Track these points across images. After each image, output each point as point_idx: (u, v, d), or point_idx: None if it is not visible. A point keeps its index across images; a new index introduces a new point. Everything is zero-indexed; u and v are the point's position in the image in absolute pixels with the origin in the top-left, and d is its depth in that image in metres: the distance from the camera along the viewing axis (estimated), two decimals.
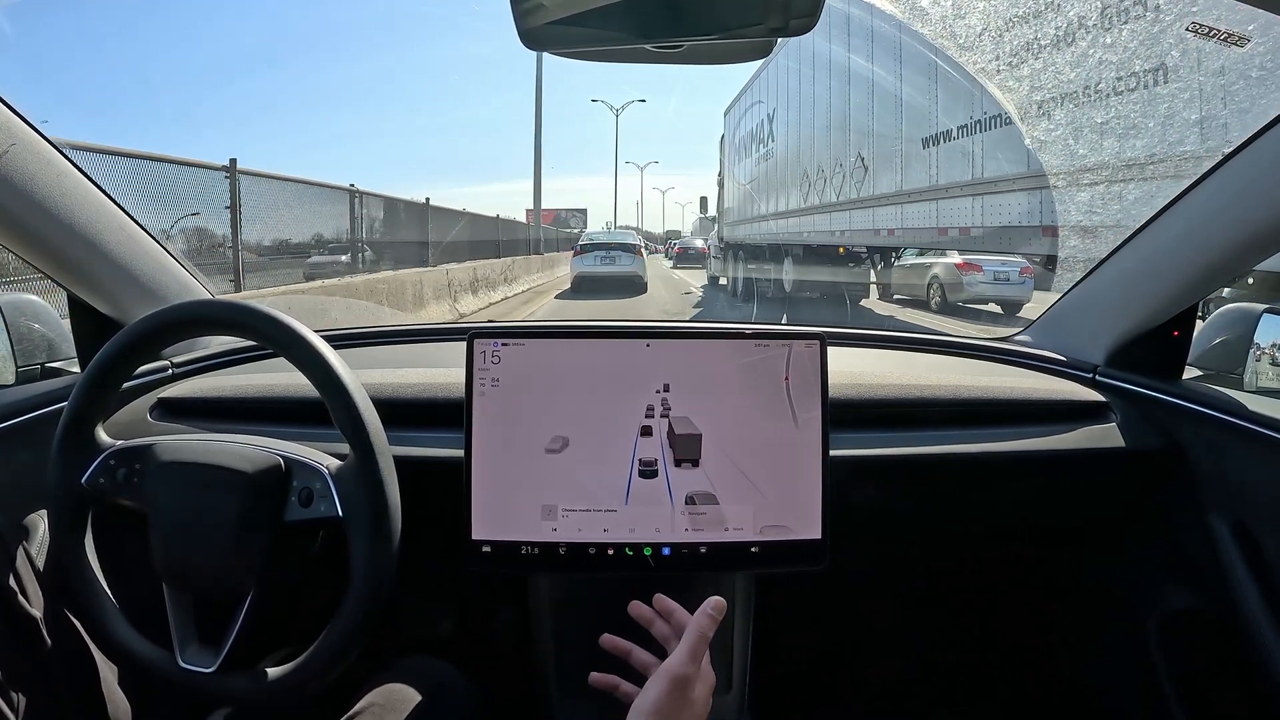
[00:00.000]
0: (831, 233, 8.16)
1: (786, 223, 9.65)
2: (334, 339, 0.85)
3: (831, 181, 7.96)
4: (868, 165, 7.01)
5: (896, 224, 6.56)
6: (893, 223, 6.63)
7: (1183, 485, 0.88)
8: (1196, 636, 0.89)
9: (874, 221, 7.00)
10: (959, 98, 5.40)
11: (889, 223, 6.71)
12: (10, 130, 0.75)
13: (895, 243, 7.18)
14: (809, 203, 8.73)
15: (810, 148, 8.65)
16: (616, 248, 11.84)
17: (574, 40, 0.58)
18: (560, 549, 0.73)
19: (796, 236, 9.31)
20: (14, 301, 0.92)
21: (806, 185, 8.76)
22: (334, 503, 0.65)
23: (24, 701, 0.66)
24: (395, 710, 0.69)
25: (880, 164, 6.77)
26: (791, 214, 9.40)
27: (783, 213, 9.79)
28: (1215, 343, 0.94)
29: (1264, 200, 0.76)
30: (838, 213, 7.83)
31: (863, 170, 7.12)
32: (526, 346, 0.74)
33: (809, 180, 8.67)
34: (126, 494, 0.68)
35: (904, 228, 6.46)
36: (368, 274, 7.64)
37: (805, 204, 8.86)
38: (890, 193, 6.58)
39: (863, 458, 0.85)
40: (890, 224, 6.68)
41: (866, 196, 7.08)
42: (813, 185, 8.55)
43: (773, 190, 10.21)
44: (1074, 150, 4.02)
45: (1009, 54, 4.59)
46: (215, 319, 0.72)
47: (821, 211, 8.31)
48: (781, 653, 1.02)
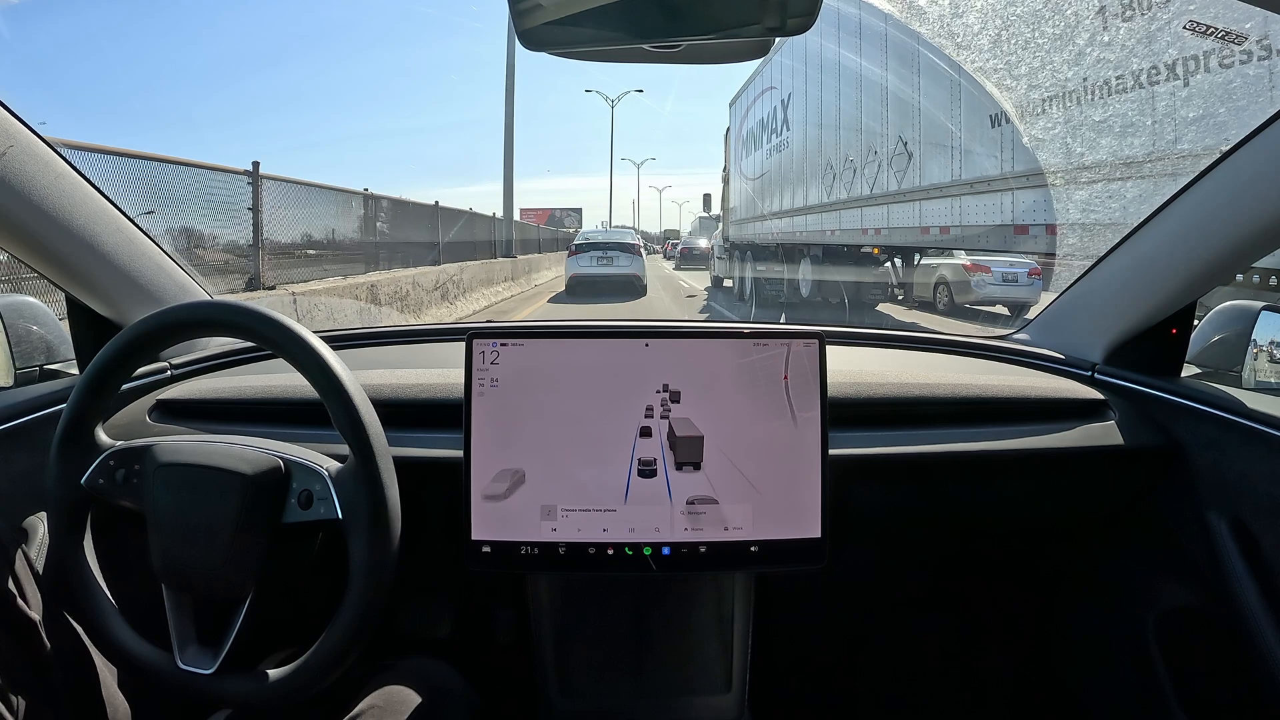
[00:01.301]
0: (863, 231, 7.12)
1: (804, 220, 8.65)
2: (333, 340, 0.85)
3: (863, 172, 6.90)
4: (912, 151, 6.01)
5: (951, 220, 5.54)
6: (946, 219, 5.62)
7: (1181, 482, 0.88)
8: (1195, 633, 0.89)
9: (920, 218, 6.01)
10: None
11: (941, 219, 5.70)
12: (8, 132, 0.75)
13: (948, 243, 6.11)
14: (833, 197, 7.68)
15: (835, 135, 7.58)
16: (614, 248, 11.08)
17: (572, 40, 0.58)
18: (560, 549, 0.73)
19: (817, 235, 8.29)
20: (12, 303, 0.92)
21: (830, 178, 7.73)
22: (333, 505, 0.65)
23: (23, 704, 0.66)
24: (395, 711, 0.69)
25: (930, 149, 5.74)
26: (811, 210, 8.40)
27: (800, 209, 8.79)
28: (1213, 340, 0.94)
29: (1262, 197, 0.76)
30: (872, 208, 6.83)
31: (905, 157, 6.11)
32: (525, 346, 0.74)
33: (833, 172, 7.64)
34: (125, 495, 0.68)
35: (962, 225, 5.41)
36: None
37: (829, 199, 7.81)
38: (944, 183, 5.55)
39: (861, 456, 0.85)
40: (943, 220, 5.67)
41: (912, 189, 6.04)
42: (838, 177, 7.52)
43: (787, 184, 9.24)
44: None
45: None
46: (214, 320, 0.72)
47: (850, 206, 7.30)
48: (781, 651, 1.02)
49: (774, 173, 9.82)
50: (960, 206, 5.44)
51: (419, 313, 8.01)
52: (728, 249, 12.28)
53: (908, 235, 6.35)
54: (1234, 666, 0.82)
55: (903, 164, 6.19)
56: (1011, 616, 1.17)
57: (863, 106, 6.93)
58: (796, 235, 8.99)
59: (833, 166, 7.68)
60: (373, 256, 8.21)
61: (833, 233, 7.86)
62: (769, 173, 10.05)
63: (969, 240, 5.61)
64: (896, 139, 6.25)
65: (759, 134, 10.54)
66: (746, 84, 10.92)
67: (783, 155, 9.44)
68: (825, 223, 8.02)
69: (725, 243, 12.49)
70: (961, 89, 5.24)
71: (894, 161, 6.33)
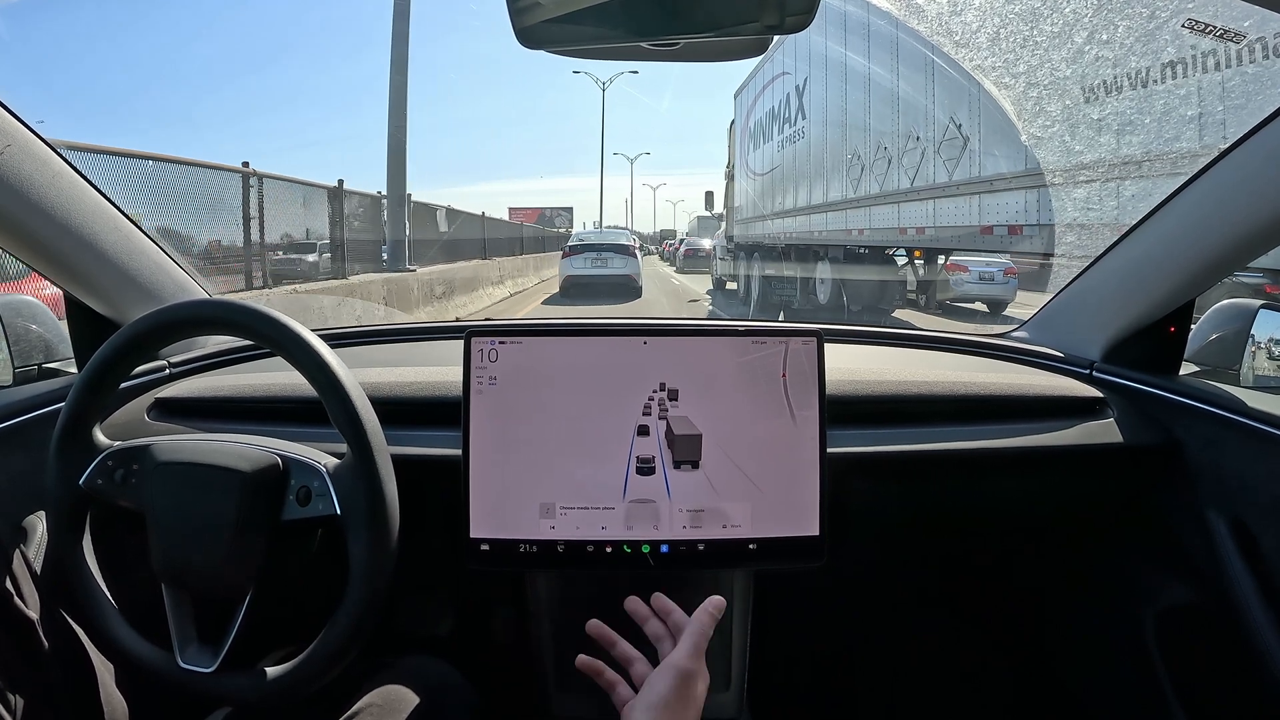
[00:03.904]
0: (900, 230, 6.10)
1: (824, 219, 7.67)
2: (331, 338, 0.85)
3: (901, 162, 5.93)
4: (969, 135, 4.98)
5: (1025, 217, 4.53)
6: (1016, 215, 4.60)
7: (1179, 480, 0.88)
8: (1193, 631, 0.89)
9: (980, 214, 4.96)
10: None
11: (1008, 215, 4.67)
12: (6, 131, 0.74)
13: (1021, 246, 4.86)
14: (861, 191, 6.72)
15: (863, 120, 6.57)
16: (609, 249, 10.85)
17: (570, 38, 0.58)
18: (558, 547, 0.74)
19: (840, 236, 7.30)
20: (11, 302, 0.92)
21: (857, 170, 6.73)
22: (332, 501, 0.65)
23: (21, 704, 0.66)
24: (394, 710, 0.69)
25: (994, 133, 4.69)
26: (833, 207, 7.43)
27: (818, 206, 7.83)
28: (1212, 338, 0.94)
29: (1261, 195, 0.76)
30: (913, 203, 5.84)
31: (960, 142, 5.07)
32: (524, 344, 0.74)
33: (861, 163, 6.65)
34: (124, 495, 0.68)
35: (1038, 224, 4.44)
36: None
37: (855, 194, 6.84)
38: (1016, 172, 4.53)
39: (860, 454, 0.85)
40: (1011, 216, 4.64)
41: (967, 180, 4.99)
42: (868, 169, 6.53)
43: (803, 179, 8.25)
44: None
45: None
46: (212, 319, 0.72)
47: (884, 202, 6.32)
48: (780, 650, 1.02)
49: (786, 167, 8.93)
50: (1038, 200, 4.40)
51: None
52: (731, 250, 11.69)
53: (962, 236, 5.27)
54: (1232, 664, 0.82)
55: (955, 150, 5.12)
56: (1010, 614, 1.17)
57: (900, 79, 5.79)
58: (814, 235, 8.03)
59: (860, 157, 6.70)
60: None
61: (860, 232, 6.92)
62: (780, 167, 9.18)
63: (1047, 242, 4.44)
64: (948, 120, 5.19)
65: (769, 125, 9.65)
66: (754, 72, 10.00)
67: (797, 147, 8.49)
68: (851, 221, 7.10)
69: (729, 243, 11.88)
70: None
71: (943, 148, 5.25)
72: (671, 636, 0.63)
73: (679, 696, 0.56)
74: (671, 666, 0.58)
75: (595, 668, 0.64)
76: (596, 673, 0.64)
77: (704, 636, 0.60)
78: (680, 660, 0.58)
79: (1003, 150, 4.65)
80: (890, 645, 1.20)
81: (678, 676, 0.57)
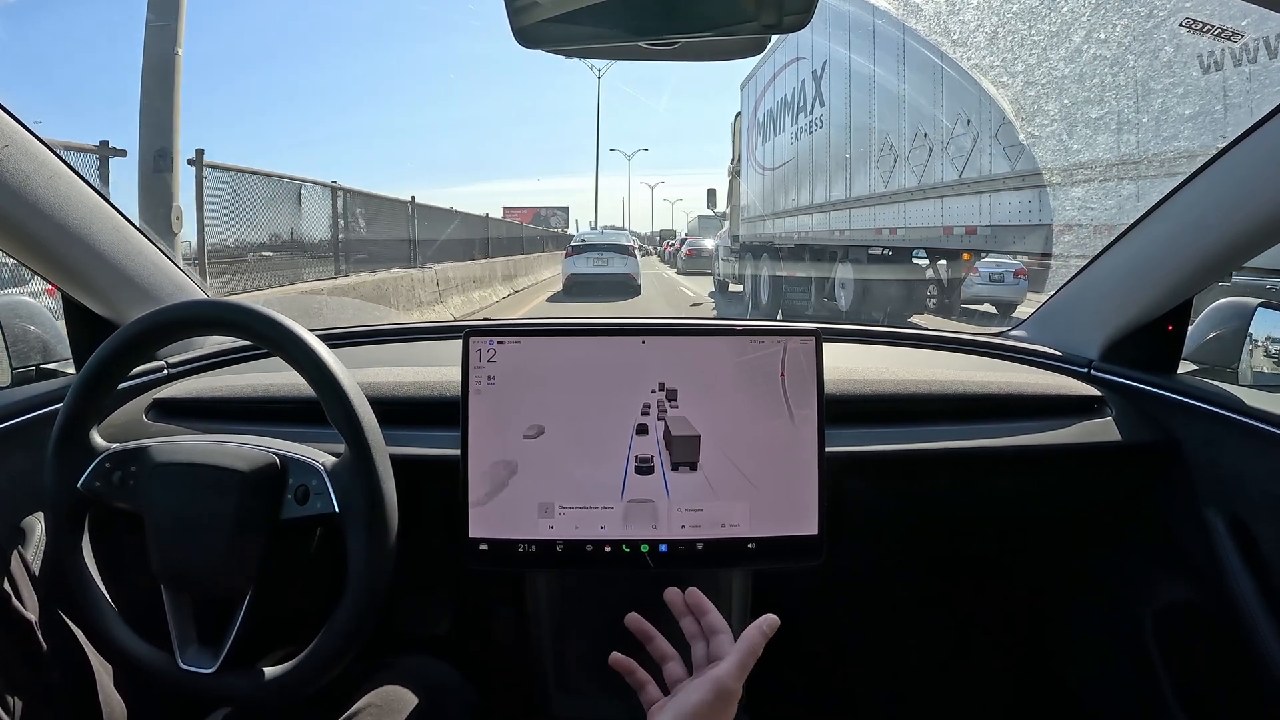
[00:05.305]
0: (945, 230, 5.20)
1: (847, 216, 6.86)
2: (329, 338, 0.85)
3: (945, 150, 5.12)
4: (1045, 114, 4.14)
5: (1102, 214, 3.82)
6: (1096, 212, 3.88)
7: (1178, 479, 0.88)
8: (1192, 629, 0.89)
9: (1040, 211, 4.27)
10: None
11: (1085, 211, 3.96)
12: (4, 131, 0.74)
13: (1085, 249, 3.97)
14: (893, 186, 5.87)
15: (896, 103, 5.76)
16: (609, 249, 11.31)
17: (568, 38, 0.58)
18: (557, 546, 0.73)
19: (868, 236, 6.47)
20: (9, 303, 0.92)
21: (889, 161, 5.96)
22: (330, 499, 0.65)
23: (21, 705, 0.66)
24: (393, 710, 0.69)
25: (1067, 115, 4.01)
26: (859, 203, 6.63)
27: (839, 202, 7.03)
28: (1210, 337, 0.94)
29: (1259, 193, 0.76)
30: (960, 198, 4.99)
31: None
32: (522, 344, 0.74)
33: (895, 153, 5.85)
34: (123, 497, 0.68)
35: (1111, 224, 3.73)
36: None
37: (887, 188, 6.01)
38: (1108, 160, 3.78)
39: (859, 454, 0.85)
40: (1087, 214, 3.94)
41: (1031, 170, 4.24)
42: (903, 159, 5.74)
43: (820, 173, 7.43)
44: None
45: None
46: (211, 319, 0.72)
47: (924, 197, 5.44)
48: (779, 649, 1.02)
49: (801, 160, 8.02)
50: (1135, 192, 3.65)
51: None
52: (736, 250, 10.93)
53: (1026, 238, 4.51)
54: (1231, 663, 0.82)
55: (1014, 135, 4.34)
56: (1009, 613, 1.17)
57: (939, 69, 4.98)
58: (836, 235, 7.13)
59: (893, 146, 5.88)
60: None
61: (892, 231, 6.07)
62: (794, 160, 8.26)
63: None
64: (1006, 100, 4.48)
65: (781, 115, 8.68)
66: (764, 59, 8.85)
67: (814, 138, 7.60)
68: (881, 219, 6.26)
69: (733, 243, 11.16)
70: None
71: (1001, 133, 4.43)
72: (705, 637, 0.61)
73: (712, 712, 0.53)
74: (714, 680, 0.55)
75: (627, 665, 0.62)
76: (628, 670, 0.62)
77: (753, 656, 0.56)
78: (725, 678, 0.54)
79: (1103, 137, 3.85)
80: (889, 644, 1.20)
81: (718, 693, 0.54)
